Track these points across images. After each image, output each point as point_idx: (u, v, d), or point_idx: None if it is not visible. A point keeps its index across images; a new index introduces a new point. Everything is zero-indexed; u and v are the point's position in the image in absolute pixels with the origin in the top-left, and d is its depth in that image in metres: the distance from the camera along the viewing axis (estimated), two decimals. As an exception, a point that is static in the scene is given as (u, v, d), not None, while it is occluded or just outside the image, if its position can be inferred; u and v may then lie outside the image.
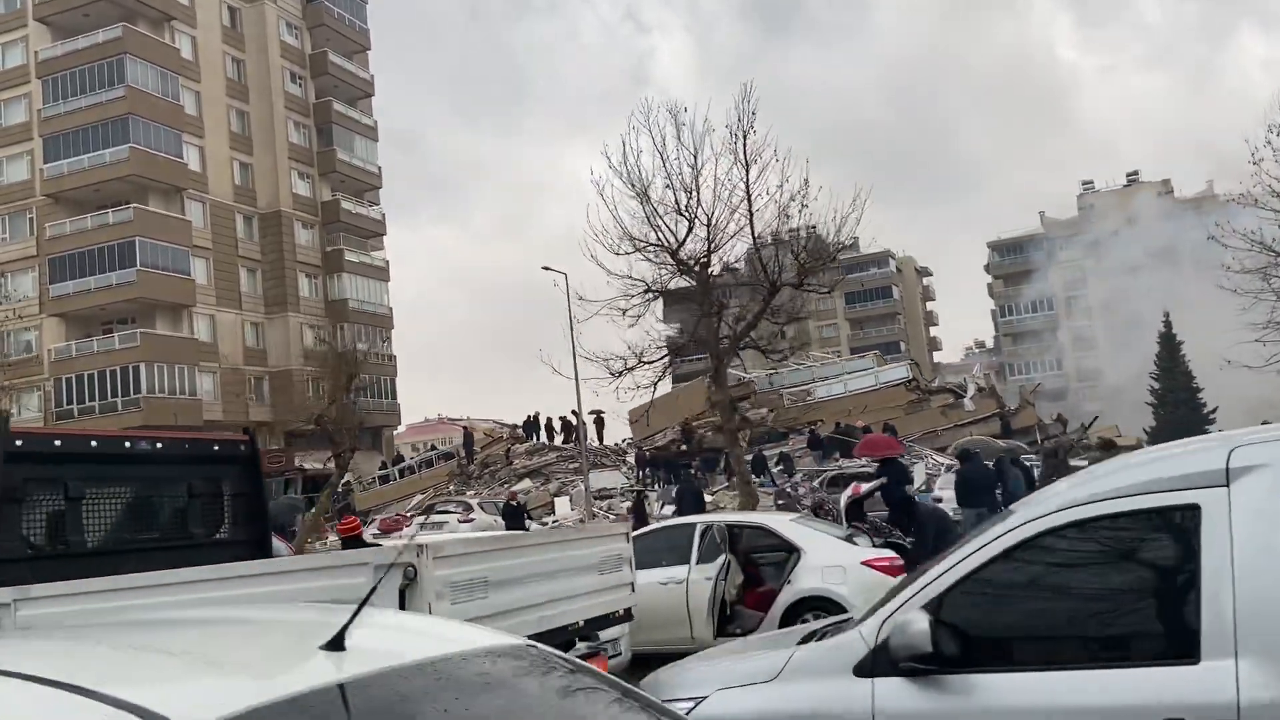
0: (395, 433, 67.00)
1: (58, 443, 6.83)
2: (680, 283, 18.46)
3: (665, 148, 17.48)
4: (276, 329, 58.26)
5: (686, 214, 17.33)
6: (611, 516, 35.52)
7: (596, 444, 48.84)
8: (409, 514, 37.71)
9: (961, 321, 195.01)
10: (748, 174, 16.85)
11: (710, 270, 17.95)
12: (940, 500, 26.06)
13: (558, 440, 51.18)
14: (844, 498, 12.02)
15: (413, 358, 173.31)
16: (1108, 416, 49.04)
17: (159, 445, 7.44)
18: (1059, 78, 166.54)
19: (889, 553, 10.66)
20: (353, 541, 10.12)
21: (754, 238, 17.16)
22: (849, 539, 10.74)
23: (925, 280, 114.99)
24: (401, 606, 4.97)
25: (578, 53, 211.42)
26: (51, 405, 51.37)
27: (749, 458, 40.69)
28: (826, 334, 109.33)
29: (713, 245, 17.54)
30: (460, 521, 25.78)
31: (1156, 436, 45.88)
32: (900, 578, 10.57)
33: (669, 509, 37.15)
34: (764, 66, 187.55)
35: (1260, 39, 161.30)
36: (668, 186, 17.49)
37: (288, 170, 59.64)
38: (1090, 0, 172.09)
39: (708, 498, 31.20)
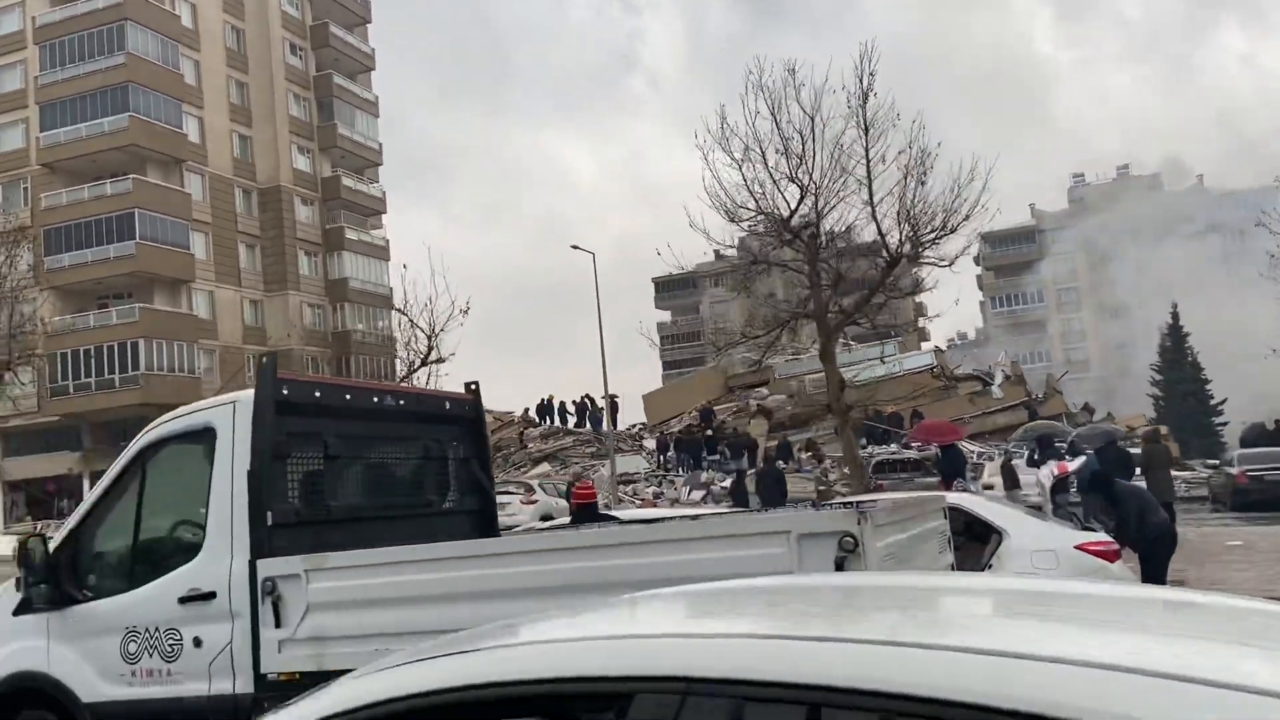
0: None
1: (317, 393, 5.93)
2: (773, 255, 17.54)
3: (779, 110, 16.62)
4: (276, 307, 56.89)
5: (798, 180, 16.50)
6: (638, 502, 34.74)
7: (610, 428, 48.05)
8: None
9: (947, 312, 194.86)
10: (866, 138, 16.06)
11: (820, 240, 17.08)
12: (991, 488, 25.55)
13: (570, 424, 50.29)
14: (1045, 476, 11.21)
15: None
16: (1101, 408, 48.82)
17: (401, 401, 6.57)
18: (1041, 70, 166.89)
19: (1102, 535, 9.88)
20: (586, 509, 9.08)
21: (872, 206, 16.34)
22: (1070, 519, 9.95)
23: (913, 270, 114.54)
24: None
25: (565, 32, 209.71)
26: (46, 381, 49.82)
27: (773, 443, 40.15)
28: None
29: (821, 214, 16.71)
30: (523, 504, 24.87)
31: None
32: (1116, 563, 9.84)
33: (696, 494, 36.52)
34: (756, 48, 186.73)
35: (1240, 34, 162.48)
36: (780, 152, 16.66)
37: (288, 144, 58.19)
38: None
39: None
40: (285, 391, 5.63)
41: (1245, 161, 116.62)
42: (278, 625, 5.18)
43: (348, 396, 6.13)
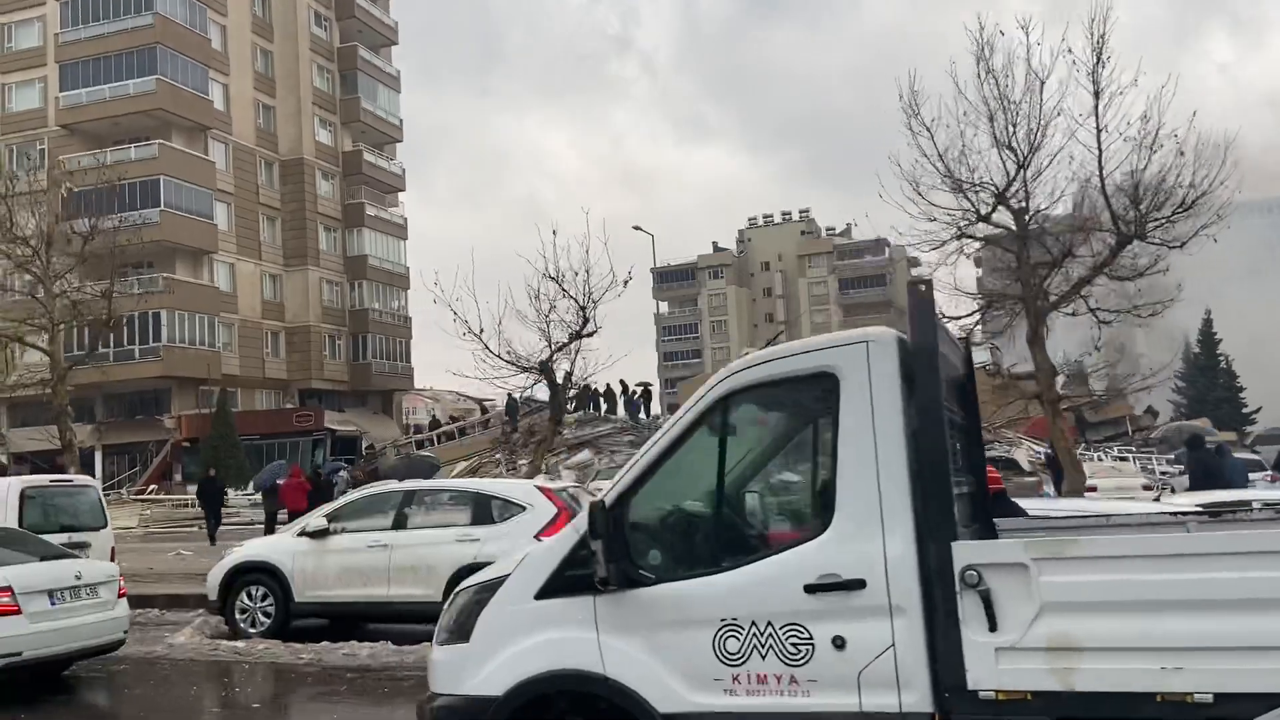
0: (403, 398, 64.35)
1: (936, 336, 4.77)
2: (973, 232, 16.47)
3: (1003, 72, 15.52)
4: (295, 282, 55.36)
5: (1016, 150, 15.41)
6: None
7: (643, 417, 47.10)
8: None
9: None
10: (1097, 104, 14.99)
11: (1029, 215, 16.01)
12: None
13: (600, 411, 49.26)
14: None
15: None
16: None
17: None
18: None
19: None
20: (1002, 497, 7.77)
21: (1101, 179, 15.26)
22: None
23: (913, 270, 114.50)
24: None
25: (557, 14, 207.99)
26: (62, 351, 47.91)
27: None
28: (818, 319, 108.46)
29: (1030, 186, 15.63)
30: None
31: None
32: None
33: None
34: (749, 40, 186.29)
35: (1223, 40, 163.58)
36: (990, 119, 15.55)
37: (311, 116, 56.59)
38: None
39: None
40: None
41: None
42: (992, 629, 4.13)
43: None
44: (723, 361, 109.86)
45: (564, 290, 19.13)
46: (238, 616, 11.83)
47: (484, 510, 11.26)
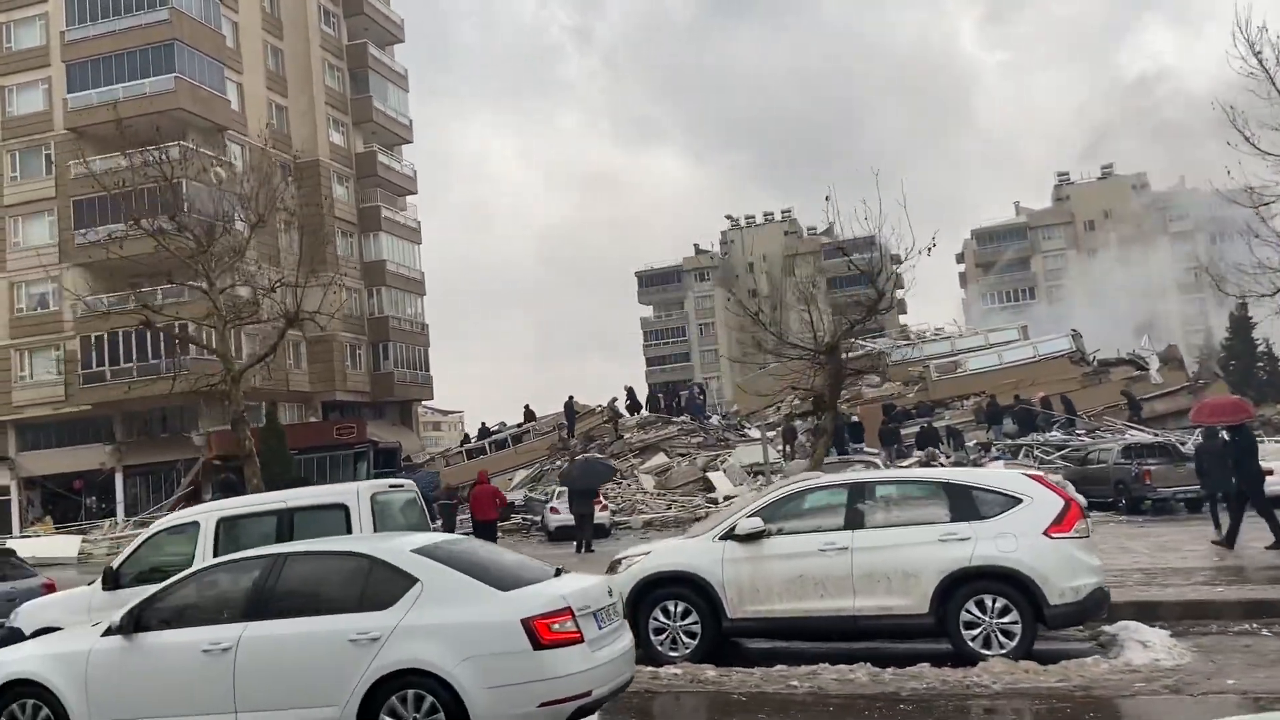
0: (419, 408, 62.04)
1: None
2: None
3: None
4: (313, 290, 52.72)
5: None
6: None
7: (713, 419, 45.55)
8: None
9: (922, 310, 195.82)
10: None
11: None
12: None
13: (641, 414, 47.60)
14: None
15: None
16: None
17: None
18: (970, 71, 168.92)
19: None
20: None
21: None
22: None
23: (896, 268, 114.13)
24: None
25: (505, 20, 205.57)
26: (78, 366, 45.21)
27: (917, 429, 37.87)
28: (807, 319, 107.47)
29: None
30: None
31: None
32: None
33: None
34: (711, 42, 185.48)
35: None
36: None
37: (325, 116, 54.23)
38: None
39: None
40: None
41: None
42: None
43: None
44: (712, 365, 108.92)
45: (852, 264, 17.77)
46: (654, 638, 9.98)
47: (966, 503, 9.49)
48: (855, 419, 38.19)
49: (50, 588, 12.82)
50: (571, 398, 43.94)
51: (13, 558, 13.40)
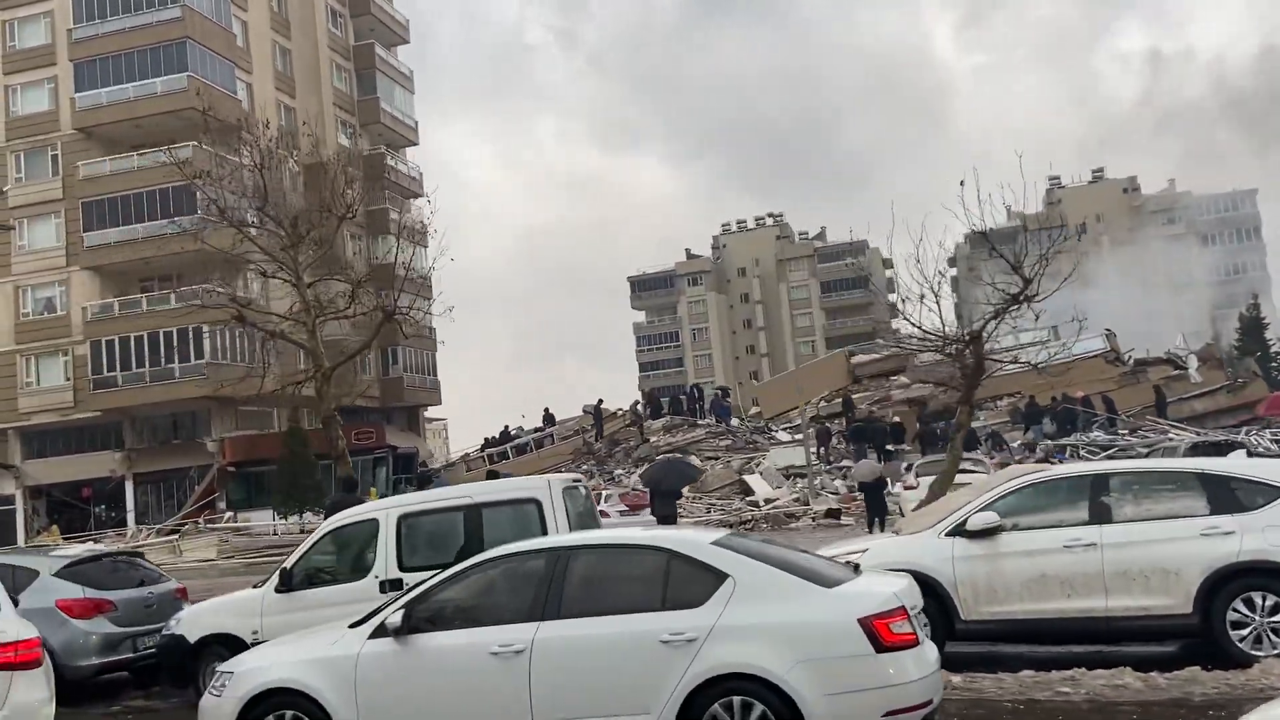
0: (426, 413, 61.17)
1: None
2: None
3: None
4: (324, 295, 51.87)
5: None
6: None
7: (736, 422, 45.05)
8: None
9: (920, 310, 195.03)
10: None
11: None
12: None
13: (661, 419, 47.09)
14: None
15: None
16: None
17: None
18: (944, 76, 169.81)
19: None
20: None
21: None
22: None
23: (888, 272, 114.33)
24: None
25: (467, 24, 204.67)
26: (89, 371, 44.07)
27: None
28: (801, 323, 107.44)
29: None
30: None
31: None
32: None
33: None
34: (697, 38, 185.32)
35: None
36: None
37: (333, 118, 53.35)
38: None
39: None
40: None
41: None
42: None
43: None
44: (706, 370, 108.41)
45: (994, 249, 17.45)
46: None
47: (1225, 495, 8.90)
48: (896, 420, 37.78)
49: (182, 593, 12.11)
50: (601, 401, 43.31)
51: (142, 560, 12.68)
